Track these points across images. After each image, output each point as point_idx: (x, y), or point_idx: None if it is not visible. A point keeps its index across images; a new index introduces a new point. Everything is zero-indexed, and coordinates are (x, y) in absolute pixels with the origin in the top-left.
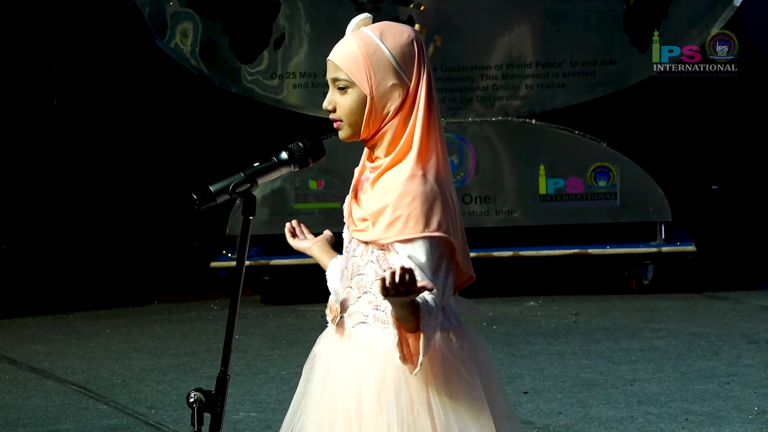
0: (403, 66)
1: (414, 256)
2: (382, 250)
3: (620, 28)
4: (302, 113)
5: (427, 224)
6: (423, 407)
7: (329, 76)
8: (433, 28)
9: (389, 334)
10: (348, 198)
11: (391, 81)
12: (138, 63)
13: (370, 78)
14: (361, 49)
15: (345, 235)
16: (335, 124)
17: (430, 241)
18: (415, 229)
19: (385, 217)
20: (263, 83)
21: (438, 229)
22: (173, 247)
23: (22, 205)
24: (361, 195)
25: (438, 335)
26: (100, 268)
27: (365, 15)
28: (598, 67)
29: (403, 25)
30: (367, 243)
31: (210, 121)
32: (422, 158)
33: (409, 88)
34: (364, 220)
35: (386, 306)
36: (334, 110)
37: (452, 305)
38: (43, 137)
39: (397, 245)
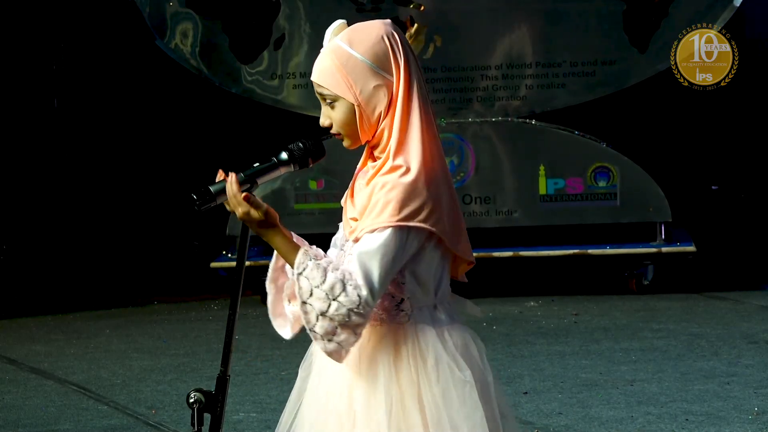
0: (380, 65)
1: (367, 241)
2: None
3: (620, 28)
4: (302, 113)
5: (395, 214)
6: (414, 403)
7: (316, 92)
8: (433, 28)
9: (381, 330)
10: (345, 197)
11: (372, 83)
12: (138, 63)
13: (352, 87)
14: (335, 61)
15: (340, 232)
16: (338, 137)
17: (395, 230)
18: (378, 220)
19: (365, 213)
20: (263, 83)
21: (409, 218)
22: (173, 247)
23: (22, 205)
24: (356, 194)
25: (432, 332)
26: (100, 268)
27: (339, 22)
28: (598, 67)
29: (373, 22)
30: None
31: (210, 121)
32: (402, 149)
33: (393, 83)
34: (355, 219)
35: (377, 303)
36: (331, 126)
37: (446, 303)
38: (43, 137)
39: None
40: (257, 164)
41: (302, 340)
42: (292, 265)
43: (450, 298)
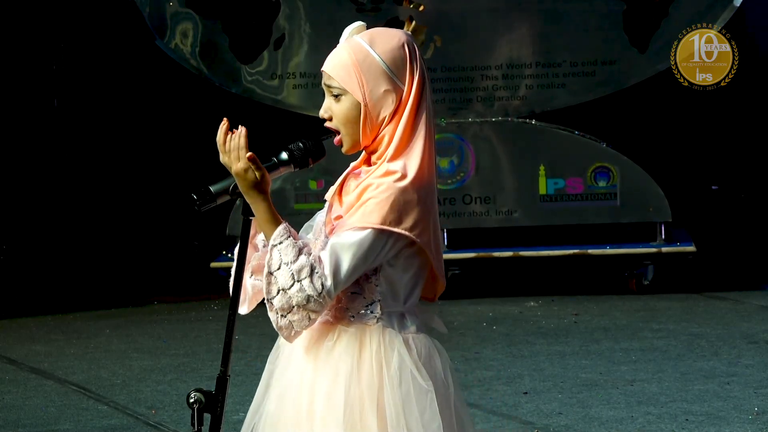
0: (395, 71)
1: (345, 234)
2: None
3: (620, 28)
4: (302, 113)
5: (382, 216)
6: (372, 407)
7: (323, 83)
8: (433, 28)
9: (349, 330)
10: (332, 193)
11: (383, 87)
12: (138, 63)
13: (362, 85)
14: (351, 56)
15: (315, 219)
16: (335, 140)
17: (377, 231)
18: (364, 219)
19: (353, 209)
20: (263, 83)
21: (394, 223)
22: (173, 247)
23: (22, 205)
24: (344, 195)
25: (399, 337)
26: (100, 268)
27: (359, 23)
28: (598, 67)
29: (395, 29)
30: None
31: (210, 121)
32: (400, 156)
33: (404, 92)
34: (339, 218)
35: (346, 302)
36: (330, 119)
37: (414, 313)
38: (43, 137)
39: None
40: None
41: None
42: (267, 236)
43: (418, 310)
